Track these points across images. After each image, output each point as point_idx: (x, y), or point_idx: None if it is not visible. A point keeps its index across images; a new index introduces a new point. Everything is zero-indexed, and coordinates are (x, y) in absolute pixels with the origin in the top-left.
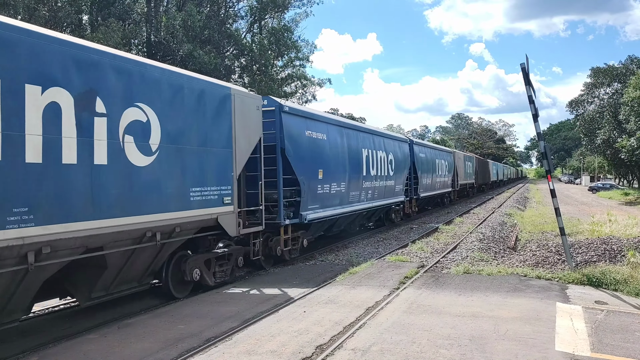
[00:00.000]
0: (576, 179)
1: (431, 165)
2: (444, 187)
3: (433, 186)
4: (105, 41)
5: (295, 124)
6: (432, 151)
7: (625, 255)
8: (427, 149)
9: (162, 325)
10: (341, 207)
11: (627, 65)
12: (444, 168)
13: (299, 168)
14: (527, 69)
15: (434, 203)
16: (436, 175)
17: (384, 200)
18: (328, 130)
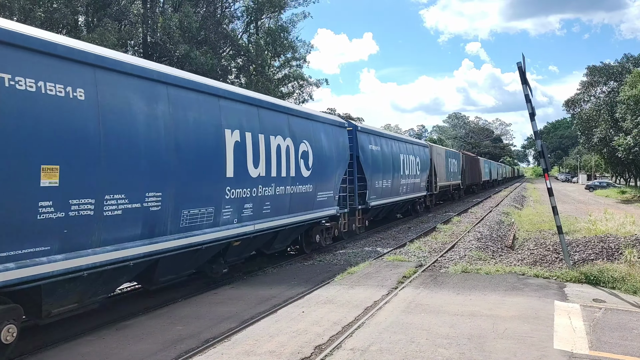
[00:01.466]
0: (573, 178)
1: (391, 163)
2: (413, 191)
3: (395, 190)
4: (101, 42)
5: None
6: (393, 143)
7: (622, 253)
8: (383, 139)
9: (160, 327)
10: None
11: (623, 63)
12: (413, 166)
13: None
14: (524, 68)
15: (403, 211)
16: (400, 176)
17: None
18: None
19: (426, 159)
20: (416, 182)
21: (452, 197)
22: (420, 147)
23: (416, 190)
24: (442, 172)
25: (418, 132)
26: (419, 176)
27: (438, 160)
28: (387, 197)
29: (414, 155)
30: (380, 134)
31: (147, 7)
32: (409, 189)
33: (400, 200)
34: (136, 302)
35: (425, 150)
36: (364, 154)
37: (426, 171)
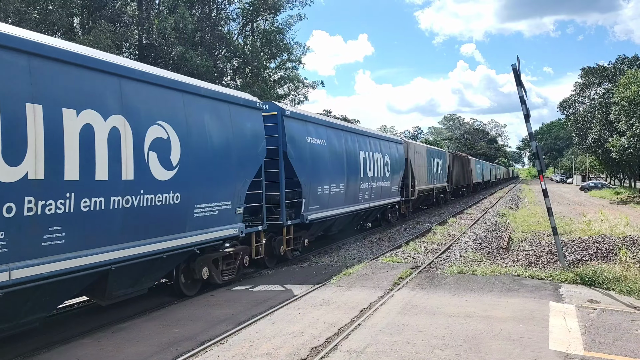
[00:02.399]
0: (568, 179)
1: (344, 161)
2: (381, 197)
3: (351, 197)
4: (97, 44)
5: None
6: (349, 137)
7: (617, 254)
8: (331, 131)
9: (156, 329)
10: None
11: (617, 65)
12: (380, 167)
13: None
14: (518, 70)
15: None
16: (359, 179)
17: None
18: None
19: (400, 158)
20: (385, 185)
21: (437, 202)
22: (391, 143)
23: (385, 195)
24: (423, 173)
25: (414, 133)
26: (390, 179)
27: (417, 160)
28: (339, 207)
29: (382, 153)
30: (325, 124)
31: (143, 8)
32: (374, 195)
33: (361, 209)
34: (132, 305)
35: (399, 147)
36: (297, 149)
37: (399, 173)
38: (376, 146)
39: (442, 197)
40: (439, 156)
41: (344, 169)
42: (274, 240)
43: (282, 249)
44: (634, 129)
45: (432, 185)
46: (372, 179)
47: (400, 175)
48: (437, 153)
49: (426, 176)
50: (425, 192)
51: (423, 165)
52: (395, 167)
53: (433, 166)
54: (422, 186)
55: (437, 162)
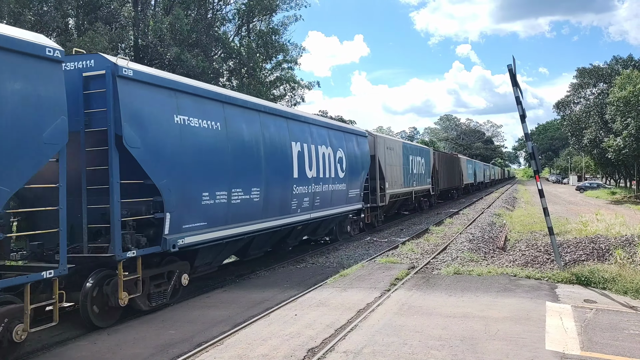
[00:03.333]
0: (564, 179)
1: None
2: (333, 205)
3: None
4: (93, 46)
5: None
6: (273, 121)
7: (613, 254)
8: (236, 110)
9: (152, 331)
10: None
11: (613, 65)
12: (330, 164)
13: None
14: (514, 70)
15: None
16: (291, 182)
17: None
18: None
19: (362, 155)
20: (339, 189)
21: (420, 207)
22: (348, 135)
23: (339, 202)
24: (397, 174)
25: (410, 134)
26: (346, 180)
27: (389, 158)
28: (251, 222)
29: (333, 147)
30: (221, 98)
31: (138, 9)
32: (320, 202)
33: (297, 222)
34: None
35: (361, 141)
36: (150, 133)
37: (362, 173)
38: (322, 138)
39: (425, 202)
40: (421, 154)
41: (261, 167)
42: (106, 285)
43: (120, 300)
44: (629, 129)
45: (410, 187)
46: (316, 181)
47: (362, 176)
48: (418, 150)
49: (402, 177)
50: (402, 196)
51: (397, 164)
52: (354, 166)
53: (412, 165)
54: (396, 189)
55: (417, 161)
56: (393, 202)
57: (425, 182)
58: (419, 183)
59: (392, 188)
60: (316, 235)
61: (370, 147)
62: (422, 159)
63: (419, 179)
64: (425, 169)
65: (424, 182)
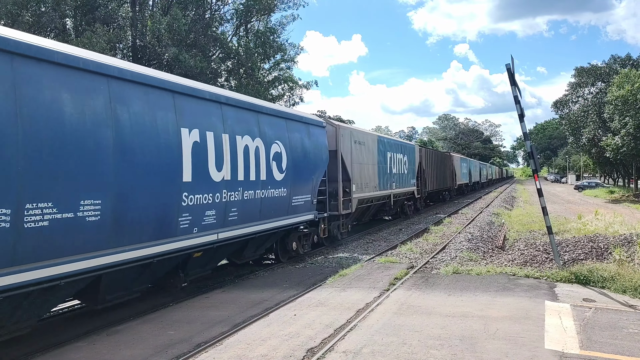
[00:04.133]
0: (562, 178)
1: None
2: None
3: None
4: (91, 46)
5: None
6: (131, 95)
7: (611, 252)
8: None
9: (151, 331)
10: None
11: (611, 64)
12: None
13: None
14: (512, 70)
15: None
16: (180, 188)
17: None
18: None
19: (317, 151)
20: (277, 196)
21: (404, 212)
22: (295, 124)
23: (280, 213)
24: (369, 174)
25: (408, 133)
26: (289, 183)
27: (358, 155)
28: (89, 253)
29: (267, 138)
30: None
31: (136, 10)
32: (241, 216)
33: (183, 248)
34: (127, 307)
35: (316, 132)
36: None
37: (314, 174)
38: (247, 125)
39: (410, 206)
40: (403, 151)
41: (104, 167)
42: None
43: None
44: (627, 127)
45: (388, 190)
46: (230, 186)
47: (317, 177)
48: (400, 147)
49: (376, 178)
50: (377, 201)
51: (370, 162)
52: (302, 165)
53: (392, 164)
54: (368, 192)
55: (398, 159)
56: (364, 208)
57: (408, 184)
58: (400, 184)
59: (362, 191)
60: (244, 258)
61: (331, 141)
62: (404, 156)
63: (401, 179)
64: (409, 169)
65: (407, 184)
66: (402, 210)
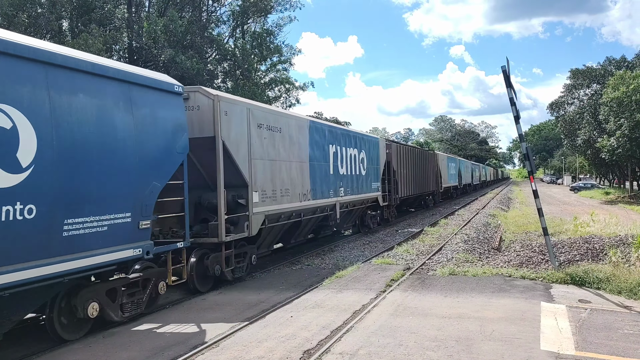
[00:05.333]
0: (558, 179)
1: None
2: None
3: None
4: (87, 47)
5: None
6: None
7: (607, 253)
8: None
9: (147, 334)
10: None
11: (606, 66)
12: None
13: None
14: (508, 72)
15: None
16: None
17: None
18: None
19: (157, 132)
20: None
21: (365, 224)
22: (79, 78)
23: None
24: (291, 176)
25: (405, 135)
26: (53, 193)
27: (268, 147)
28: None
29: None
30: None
31: (132, 11)
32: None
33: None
34: None
35: (157, 101)
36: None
37: (144, 173)
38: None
39: (374, 217)
40: (358, 145)
41: None
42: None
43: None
44: (622, 129)
45: (330, 199)
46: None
47: (148, 178)
48: (351, 139)
49: (306, 182)
50: (308, 215)
51: (294, 159)
52: (100, 154)
53: (337, 162)
54: (290, 204)
55: (350, 156)
56: (282, 227)
57: (368, 189)
58: (355, 190)
59: (276, 202)
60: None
61: (204, 121)
62: (361, 153)
63: (356, 183)
64: (371, 169)
65: (367, 189)
66: (363, 222)
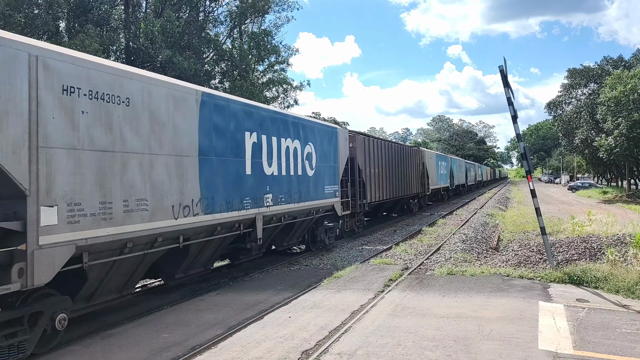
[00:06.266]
0: (556, 179)
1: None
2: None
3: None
4: (84, 48)
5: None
6: None
7: (605, 253)
8: None
9: (146, 335)
10: None
11: (603, 65)
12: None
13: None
14: (505, 71)
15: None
16: None
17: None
18: None
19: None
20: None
21: (314, 240)
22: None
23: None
24: (152, 179)
25: (403, 135)
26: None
27: (89, 127)
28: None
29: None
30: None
31: (129, 12)
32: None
33: None
34: (121, 311)
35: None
36: None
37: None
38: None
39: (330, 230)
40: (299, 134)
41: None
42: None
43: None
44: (620, 128)
45: (249, 211)
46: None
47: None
48: (287, 125)
49: (190, 188)
50: (198, 237)
51: (165, 151)
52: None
53: (264, 157)
54: (150, 224)
55: (283, 150)
56: (127, 263)
57: (321, 194)
58: (295, 197)
59: (102, 223)
60: None
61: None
62: (310, 146)
63: (298, 188)
64: (324, 168)
65: (318, 194)
66: (314, 237)
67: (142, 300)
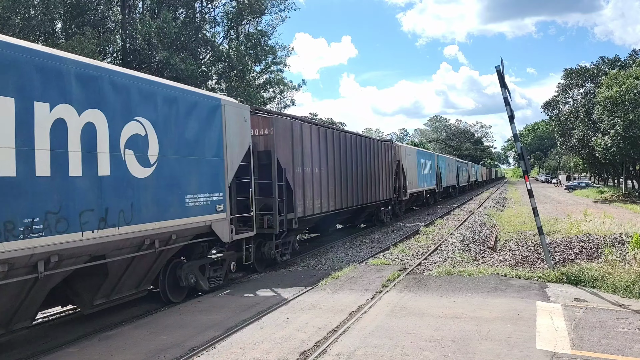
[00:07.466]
0: (553, 179)
1: None
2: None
3: None
4: (80, 50)
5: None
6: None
7: (602, 252)
8: None
9: (143, 336)
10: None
11: (599, 65)
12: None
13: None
14: (502, 72)
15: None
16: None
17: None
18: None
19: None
20: None
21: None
22: None
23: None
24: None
25: (400, 135)
26: None
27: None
28: None
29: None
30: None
31: (126, 13)
32: None
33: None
34: (119, 312)
35: None
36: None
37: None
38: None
39: (217, 267)
40: (134, 105)
41: None
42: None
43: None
44: (616, 128)
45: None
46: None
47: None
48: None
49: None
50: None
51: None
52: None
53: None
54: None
55: (81, 131)
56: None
57: (165, 210)
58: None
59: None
60: None
61: None
62: (138, 123)
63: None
64: (182, 163)
65: (168, 210)
66: (175, 282)
67: (140, 302)
